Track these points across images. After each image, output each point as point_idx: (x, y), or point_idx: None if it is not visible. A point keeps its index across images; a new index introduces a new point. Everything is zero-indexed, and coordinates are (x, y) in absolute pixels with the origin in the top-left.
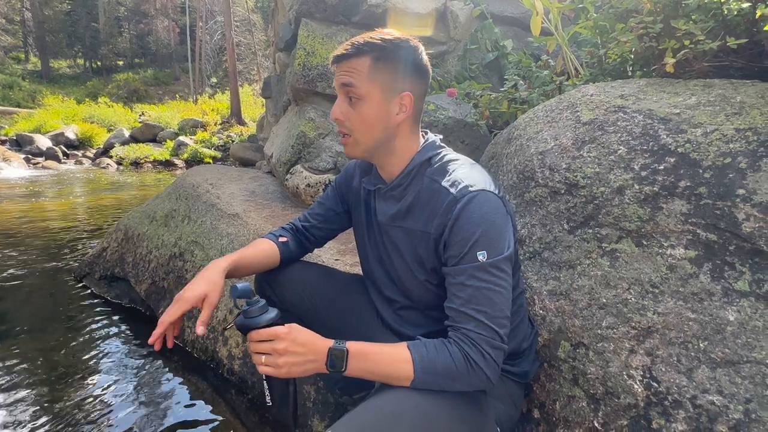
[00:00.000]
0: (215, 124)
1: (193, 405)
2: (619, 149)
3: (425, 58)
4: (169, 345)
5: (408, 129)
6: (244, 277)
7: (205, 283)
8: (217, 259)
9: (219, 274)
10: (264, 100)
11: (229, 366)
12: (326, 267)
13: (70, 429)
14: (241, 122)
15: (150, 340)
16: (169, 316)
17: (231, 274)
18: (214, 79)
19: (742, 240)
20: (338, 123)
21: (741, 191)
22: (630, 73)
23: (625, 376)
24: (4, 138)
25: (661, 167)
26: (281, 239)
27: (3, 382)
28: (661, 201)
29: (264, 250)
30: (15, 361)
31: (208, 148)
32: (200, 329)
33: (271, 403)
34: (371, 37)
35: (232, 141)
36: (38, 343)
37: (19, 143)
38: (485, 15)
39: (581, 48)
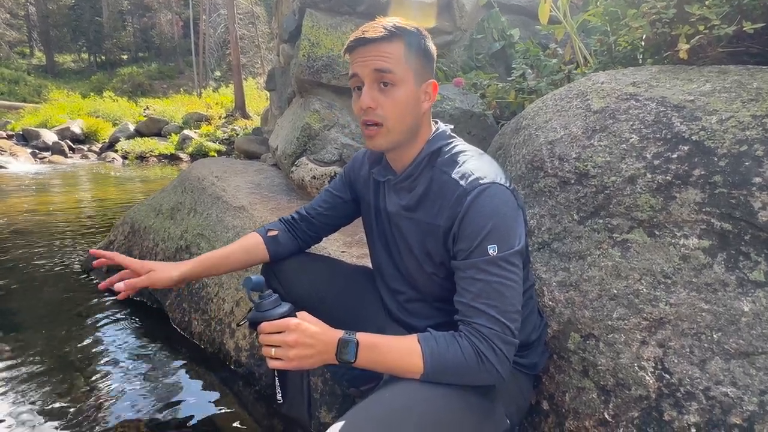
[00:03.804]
0: (219, 118)
1: (201, 397)
2: (631, 138)
3: (433, 45)
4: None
5: (428, 118)
6: (220, 274)
7: (160, 265)
8: (192, 259)
9: (178, 271)
10: (268, 92)
11: (237, 358)
12: (333, 259)
13: (76, 419)
14: (246, 115)
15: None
16: (116, 257)
17: (201, 272)
18: (217, 73)
19: (758, 229)
20: (368, 112)
21: (757, 179)
22: (641, 61)
23: (637, 368)
24: (10, 133)
25: (675, 156)
26: (270, 233)
27: (12, 373)
28: (675, 190)
29: (245, 245)
30: (24, 352)
31: (213, 141)
32: (120, 285)
33: (282, 400)
34: (398, 22)
35: (237, 134)
36: (46, 335)
37: (26, 138)
38: (492, 4)
39: (590, 36)
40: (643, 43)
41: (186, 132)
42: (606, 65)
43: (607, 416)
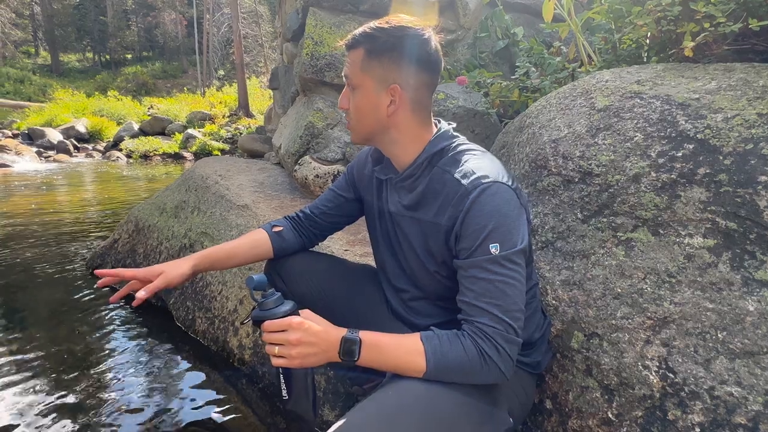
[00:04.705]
0: (223, 117)
1: (204, 394)
2: (636, 136)
3: (431, 46)
4: (104, 280)
5: (406, 121)
6: (227, 269)
7: (168, 265)
8: (197, 253)
9: (188, 265)
10: (271, 91)
11: (240, 356)
12: (335, 257)
13: (82, 417)
14: (249, 114)
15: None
16: (127, 272)
17: (207, 267)
18: (221, 72)
19: (763, 228)
20: (345, 111)
21: (763, 178)
22: (645, 59)
23: (641, 367)
24: (16, 132)
25: (680, 154)
26: (275, 229)
27: (17, 371)
28: (679, 189)
29: (251, 240)
30: (28, 350)
31: (217, 140)
32: (141, 293)
33: (287, 397)
34: (369, 28)
35: (240, 133)
36: (52, 333)
37: (31, 137)
38: (495, 2)
39: (594, 34)
40: (647, 41)
41: (190, 131)
42: (610, 63)
43: (610, 415)
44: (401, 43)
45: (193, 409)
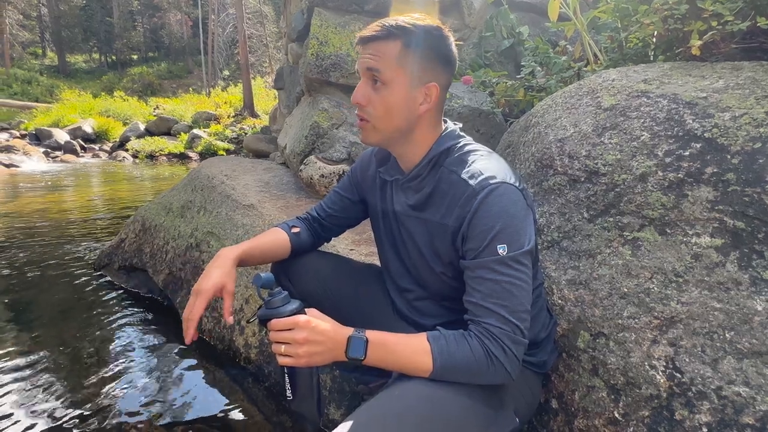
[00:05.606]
0: (228, 117)
1: (211, 393)
2: (642, 135)
3: (454, 48)
4: (194, 337)
5: (430, 120)
6: (256, 266)
7: (220, 273)
8: (227, 248)
9: (231, 264)
10: (276, 91)
11: (246, 355)
12: (341, 257)
13: (89, 415)
14: (254, 114)
15: (187, 341)
16: (195, 311)
17: (241, 263)
18: (226, 72)
19: None
20: (359, 107)
21: None
22: (652, 58)
23: (647, 367)
24: (23, 132)
25: (687, 153)
26: (294, 230)
27: (25, 368)
28: (686, 188)
29: (276, 240)
30: (36, 349)
31: (222, 140)
32: (230, 319)
33: (292, 397)
34: (404, 21)
35: (245, 133)
36: (59, 332)
37: (38, 137)
38: (500, 1)
39: (600, 33)
40: (654, 40)
41: (195, 131)
42: (617, 62)
43: (617, 415)
44: (438, 41)
45: (198, 407)
